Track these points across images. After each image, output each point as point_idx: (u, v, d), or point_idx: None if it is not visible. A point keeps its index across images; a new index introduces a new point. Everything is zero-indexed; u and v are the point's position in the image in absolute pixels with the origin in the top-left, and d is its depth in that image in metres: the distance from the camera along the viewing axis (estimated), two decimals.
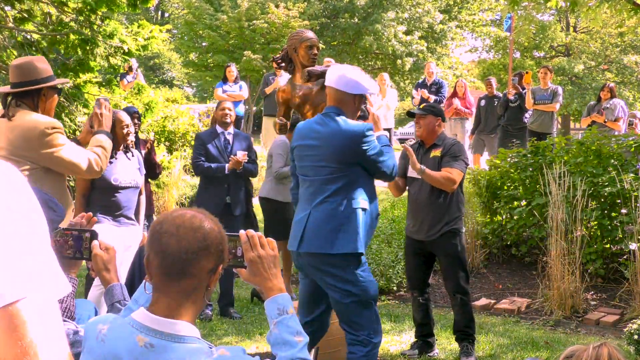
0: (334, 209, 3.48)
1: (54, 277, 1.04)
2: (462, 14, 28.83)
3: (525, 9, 14.83)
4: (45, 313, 1.00)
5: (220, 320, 6.01)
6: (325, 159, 3.52)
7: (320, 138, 3.54)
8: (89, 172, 3.66)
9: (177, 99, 15.30)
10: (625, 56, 27.49)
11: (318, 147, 3.55)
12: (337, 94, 3.59)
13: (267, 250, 1.92)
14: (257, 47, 20.10)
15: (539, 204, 6.83)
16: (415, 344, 5.14)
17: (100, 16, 7.20)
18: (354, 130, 3.49)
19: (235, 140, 6.11)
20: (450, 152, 4.75)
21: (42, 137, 3.43)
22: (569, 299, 6.10)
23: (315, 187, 3.55)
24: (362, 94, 3.65)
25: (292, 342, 1.82)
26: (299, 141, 3.65)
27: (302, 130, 3.66)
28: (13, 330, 0.96)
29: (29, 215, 1.02)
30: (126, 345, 1.65)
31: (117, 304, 2.22)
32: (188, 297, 1.69)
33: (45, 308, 1.00)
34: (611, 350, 1.80)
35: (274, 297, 1.89)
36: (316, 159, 3.56)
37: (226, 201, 5.99)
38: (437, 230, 4.80)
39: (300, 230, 3.54)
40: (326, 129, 3.53)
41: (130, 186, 4.89)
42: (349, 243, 3.46)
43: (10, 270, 0.97)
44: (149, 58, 36.34)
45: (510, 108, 10.39)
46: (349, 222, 3.48)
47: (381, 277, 7.07)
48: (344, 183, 3.50)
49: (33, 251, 1.01)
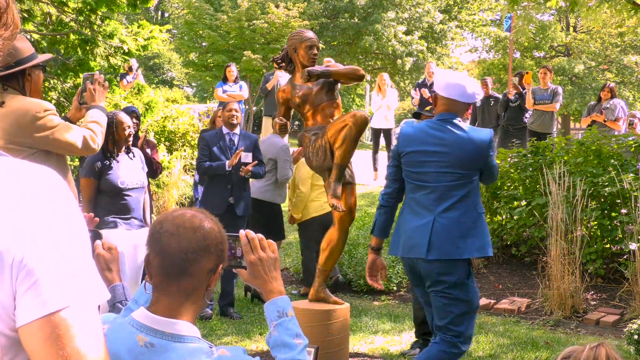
0: (462, 215, 3.52)
1: (95, 283, 1.03)
2: (462, 14, 28.84)
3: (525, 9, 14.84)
4: (88, 321, 0.99)
5: (220, 320, 6.01)
6: (450, 165, 3.53)
7: (445, 144, 3.55)
8: (85, 149, 3.57)
9: (177, 99, 15.28)
10: (625, 56, 27.49)
11: (443, 153, 3.55)
12: (449, 101, 3.62)
13: (268, 252, 1.92)
14: (257, 47, 20.10)
15: (539, 204, 6.84)
16: (416, 343, 5.20)
17: (100, 16, 7.20)
18: (483, 138, 3.57)
19: (241, 141, 6.10)
20: None
21: (35, 121, 3.41)
22: (569, 299, 6.10)
23: (439, 193, 3.55)
24: (472, 101, 3.73)
25: (292, 345, 1.82)
26: (416, 147, 3.63)
27: (418, 136, 3.64)
28: (56, 339, 0.95)
29: (72, 220, 1.02)
30: (126, 344, 1.65)
31: (118, 304, 2.22)
32: (188, 297, 1.69)
33: (87, 316, 0.99)
34: (609, 350, 1.80)
35: (274, 299, 1.89)
36: (440, 165, 3.55)
37: (229, 201, 5.98)
38: None
39: (425, 237, 3.53)
40: (452, 135, 3.56)
41: (137, 187, 4.88)
42: (479, 247, 3.53)
43: (55, 278, 0.95)
44: (149, 58, 36.34)
45: (511, 108, 10.40)
46: (475, 227, 3.53)
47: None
48: (469, 189, 3.56)
49: (76, 258, 1.00)
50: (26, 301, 0.95)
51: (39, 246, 0.96)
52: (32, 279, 0.95)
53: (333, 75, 4.54)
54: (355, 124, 4.35)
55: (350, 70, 4.65)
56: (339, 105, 4.70)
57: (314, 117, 4.61)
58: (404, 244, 3.65)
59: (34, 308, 0.95)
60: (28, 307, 0.95)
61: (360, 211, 8.93)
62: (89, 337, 0.98)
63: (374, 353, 5.21)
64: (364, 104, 30.08)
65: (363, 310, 6.41)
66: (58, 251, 0.97)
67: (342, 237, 4.77)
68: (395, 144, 3.75)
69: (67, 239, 1.00)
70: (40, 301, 0.95)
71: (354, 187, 4.75)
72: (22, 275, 0.95)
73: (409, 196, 3.69)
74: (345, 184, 4.62)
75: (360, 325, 5.86)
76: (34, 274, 0.95)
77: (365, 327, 5.83)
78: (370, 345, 5.38)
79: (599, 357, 1.77)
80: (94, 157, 4.87)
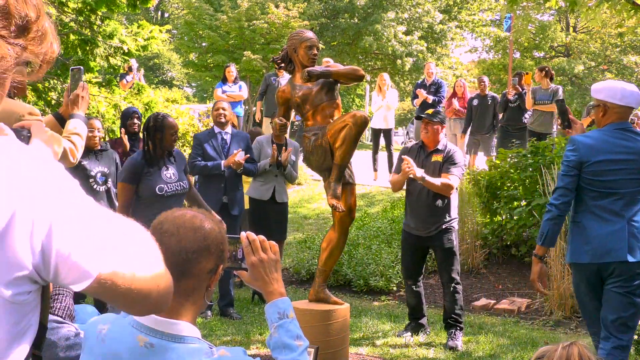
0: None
1: (122, 227, 1.11)
2: (462, 14, 28.82)
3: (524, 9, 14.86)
4: (128, 264, 1.08)
5: (220, 321, 6.01)
6: (638, 172, 3.76)
7: (633, 152, 3.75)
8: (62, 161, 3.53)
9: (177, 99, 15.27)
10: (625, 56, 27.50)
11: (631, 161, 3.76)
12: (625, 110, 3.79)
13: (269, 254, 1.92)
14: (257, 47, 20.09)
15: (539, 204, 6.84)
16: (408, 326, 5.64)
17: (100, 16, 7.20)
18: None
19: (233, 140, 6.11)
20: (451, 159, 5.28)
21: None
22: (569, 299, 6.10)
23: (628, 199, 3.74)
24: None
25: (293, 346, 1.82)
26: (603, 156, 3.76)
27: (602, 146, 3.78)
28: (108, 290, 1.06)
29: (79, 190, 1.07)
30: (126, 345, 1.65)
31: None
32: (188, 297, 1.69)
33: (125, 258, 1.08)
34: (581, 349, 1.81)
35: (275, 301, 1.89)
36: (629, 172, 3.76)
37: (223, 201, 5.98)
38: (436, 227, 5.33)
39: (623, 242, 3.70)
40: (637, 144, 3.77)
41: (177, 192, 4.79)
42: None
43: (89, 246, 1.02)
44: (149, 58, 36.32)
45: (510, 108, 10.40)
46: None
47: (381, 277, 7.08)
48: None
49: (99, 219, 1.06)
50: (67, 272, 1.01)
51: (67, 213, 1.00)
52: (67, 249, 1.00)
53: (333, 75, 4.54)
54: (355, 124, 4.35)
55: (350, 70, 4.65)
56: (339, 105, 4.70)
57: (313, 118, 4.61)
58: (594, 250, 3.74)
59: (80, 277, 1.02)
60: (74, 277, 1.02)
61: (360, 211, 8.94)
62: (136, 273, 1.10)
63: (373, 353, 5.21)
64: (363, 104, 30.07)
65: (363, 310, 6.41)
66: (87, 219, 1.04)
67: (342, 237, 4.77)
68: (571, 154, 3.85)
69: (87, 205, 1.06)
70: (81, 272, 1.02)
71: (353, 187, 4.76)
72: (55, 244, 0.99)
73: (590, 203, 3.78)
74: (345, 184, 4.62)
75: (360, 326, 5.86)
76: (68, 242, 1.00)
77: (365, 328, 5.83)
78: (370, 345, 5.39)
79: (571, 356, 1.78)
80: (134, 160, 4.77)
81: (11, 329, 1.01)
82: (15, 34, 1.01)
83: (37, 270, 0.99)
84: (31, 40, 1.04)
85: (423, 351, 5.27)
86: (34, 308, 1.05)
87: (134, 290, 1.09)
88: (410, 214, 5.46)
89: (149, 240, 1.20)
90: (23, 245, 0.96)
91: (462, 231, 7.35)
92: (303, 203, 10.84)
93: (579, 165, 3.80)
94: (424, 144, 5.42)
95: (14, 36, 1.01)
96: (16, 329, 1.02)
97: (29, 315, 1.04)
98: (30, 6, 1.04)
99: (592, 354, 1.81)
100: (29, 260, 0.97)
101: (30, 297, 1.02)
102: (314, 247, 7.90)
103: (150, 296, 1.15)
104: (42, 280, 1.02)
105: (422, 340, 5.50)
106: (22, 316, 1.03)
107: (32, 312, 1.05)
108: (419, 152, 5.41)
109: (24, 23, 1.02)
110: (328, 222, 9.17)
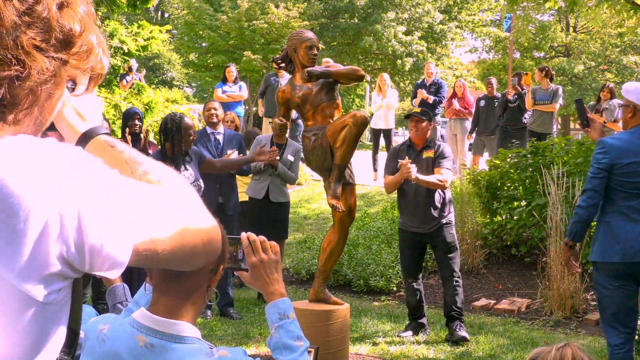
0: None
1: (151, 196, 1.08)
2: (462, 14, 28.81)
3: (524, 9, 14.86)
4: (164, 229, 1.06)
5: (220, 321, 6.01)
6: None
7: None
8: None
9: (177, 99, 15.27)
10: (625, 56, 27.49)
11: None
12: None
13: (270, 254, 1.91)
14: (257, 47, 20.09)
15: (539, 205, 6.84)
16: (409, 326, 5.66)
17: (100, 17, 7.20)
18: None
19: (226, 140, 6.11)
20: (442, 154, 5.41)
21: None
22: (569, 299, 6.10)
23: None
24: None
25: (293, 347, 1.82)
26: (632, 158, 3.82)
27: (631, 148, 3.83)
28: (150, 259, 1.06)
29: (100, 167, 1.05)
30: (126, 345, 1.65)
31: (119, 305, 2.22)
32: (188, 298, 1.69)
33: (159, 224, 1.06)
34: (575, 350, 1.81)
35: (275, 301, 1.89)
36: None
37: (219, 201, 5.99)
38: (437, 223, 5.43)
39: None
40: None
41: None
42: None
43: (120, 231, 1.00)
44: (149, 58, 36.32)
45: (510, 108, 10.39)
46: None
47: (381, 278, 7.08)
48: None
49: (126, 192, 1.04)
50: (102, 263, 0.99)
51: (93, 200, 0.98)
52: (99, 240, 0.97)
53: (333, 75, 4.54)
54: (355, 124, 4.36)
55: (350, 70, 4.66)
56: (339, 105, 4.70)
57: (313, 118, 4.62)
58: (625, 250, 3.80)
59: (113, 265, 1.00)
60: (108, 266, 1.00)
61: (360, 211, 8.93)
62: (178, 221, 1.09)
63: (373, 353, 5.21)
64: (363, 104, 30.08)
65: (363, 310, 6.41)
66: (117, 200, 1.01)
67: (342, 238, 4.78)
68: (601, 157, 3.87)
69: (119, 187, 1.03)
70: (113, 262, 1.00)
71: (353, 187, 4.76)
72: (87, 236, 0.96)
73: (621, 204, 3.84)
74: (345, 184, 4.62)
75: (360, 326, 5.86)
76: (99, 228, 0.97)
77: (365, 328, 5.83)
78: (370, 345, 5.39)
79: (565, 357, 1.78)
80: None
81: (39, 331, 0.99)
82: (56, 48, 1.00)
83: (70, 262, 0.97)
84: (74, 55, 1.03)
85: (423, 351, 5.27)
86: (62, 307, 1.03)
87: (177, 251, 1.08)
88: (409, 213, 5.50)
89: (183, 191, 1.17)
90: (52, 241, 0.94)
91: (462, 231, 7.34)
92: (303, 203, 10.84)
93: (609, 168, 3.83)
94: (412, 143, 5.52)
95: (54, 50, 1.00)
96: (44, 332, 1.00)
97: (58, 317, 1.02)
98: (76, 20, 1.03)
99: (585, 355, 1.82)
100: (59, 256, 0.95)
101: (59, 295, 1.00)
102: (314, 247, 7.90)
103: (196, 250, 1.14)
104: (76, 272, 0.99)
105: (422, 340, 5.50)
106: (51, 318, 1.01)
107: (61, 313, 1.03)
108: (408, 151, 5.50)
109: (66, 37, 1.01)
110: (328, 222, 9.17)
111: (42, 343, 1.01)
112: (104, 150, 1.25)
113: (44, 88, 1.01)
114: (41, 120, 1.05)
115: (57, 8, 1.00)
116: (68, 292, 1.03)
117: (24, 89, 0.99)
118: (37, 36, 0.98)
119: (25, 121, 1.02)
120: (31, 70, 0.98)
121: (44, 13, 0.98)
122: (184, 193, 1.17)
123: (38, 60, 0.98)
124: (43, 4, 0.98)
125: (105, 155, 1.23)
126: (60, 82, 1.05)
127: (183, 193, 1.17)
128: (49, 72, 1.00)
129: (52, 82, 1.02)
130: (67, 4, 1.02)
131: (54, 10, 0.99)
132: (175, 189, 1.16)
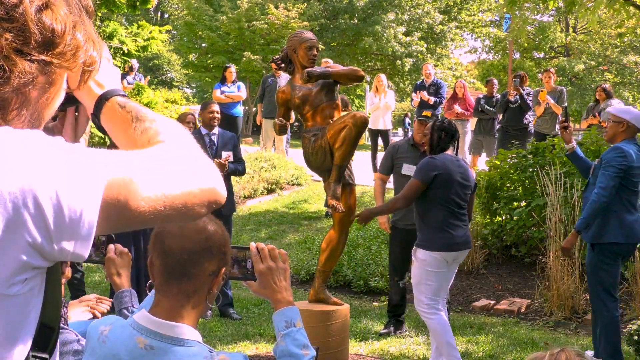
0: None
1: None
2: (461, 14, 28.84)
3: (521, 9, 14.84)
4: (157, 186, 1.04)
5: (219, 321, 6.01)
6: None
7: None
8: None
9: (176, 99, 15.29)
10: (625, 57, 27.51)
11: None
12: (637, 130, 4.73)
13: (278, 262, 1.91)
14: (256, 48, 20.11)
15: (539, 205, 6.84)
16: (389, 323, 5.76)
17: (100, 17, 7.20)
18: None
19: (220, 141, 6.08)
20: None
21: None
22: (569, 299, 6.10)
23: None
24: None
25: (299, 355, 1.81)
26: (638, 163, 4.66)
27: (637, 155, 4.67)
28: (157, 218, 1.04)
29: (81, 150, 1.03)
30: (126, 346, 1.65)
31: (124, 310, 2.21)
32: (189, 299, 1.68)
33: (151, 181, 1.03)
34: (569, 355, 1.82)
35: (282, 309, 1.89)
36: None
37: None
38: None
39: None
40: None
41: None
42: None
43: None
44: (149, 59, 36.32)
45: (510, 109, 10.40)
46: None
47: (381, 278, 7.08)
48: None
49: (111, 161, 1.01)
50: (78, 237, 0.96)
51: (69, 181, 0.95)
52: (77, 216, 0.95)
53: (333, 76, 4.55)
54: (355, 125, 4.36)
55: (350, 71, 4.66)
56: (339, 106, 4.70)
57: (313, 118, 4.62)
58: (628, 233, 4.72)
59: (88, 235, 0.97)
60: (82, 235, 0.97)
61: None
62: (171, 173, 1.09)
63: (373, 353, 5.21)
64: (363, 104, 30.08)
65: (363, 311, 6.41)
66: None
67: (342, 238, 4.78)
68: (622, 160, 4.62)
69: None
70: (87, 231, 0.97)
71: (353, 188, 4.76)
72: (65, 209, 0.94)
73: (626, 198, 4.72)
74: (345, 184, 4.63)
75: (360, 326, 5.86)
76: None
77: (364, 328, 5.83)
78: (370, 345, 5.39)
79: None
80: None
81: (3, 326, 0.96)
82: (38, 50, 1.01)
83: (39, 249, 0.94)
84: (58, 55, 1.03)
85: (423, 351, 5.27)
86: (30, 300, 0.98)
87: (178, 204, 1.06)
88: (404, 212, 5.47)
89: (178, 137, 1.20)
90: (17, 230, 0.92)
91: None
92: (303, 203, 10.84)
93: (627, 169, 4.64)
94: (415, 143, 5.55)
95: (36, 52, 1.00)
96: (10, 327, 0.97)
97: (25, 310, 0.98)
98: (58, 21, 1.02)
99: (580, 359, 1.82)
100: (24, 244, 0.93)
101: (25, 287, 0.96)
102: (313, 247, 7.90)
103: (194, 202, 1.11)
104: (44, 260, 0.96)
105: (422, 340, 5.50)
106: (17, 311, 0.97)
107: (29, 307, 0.99)
108: (410, 150, 5.57)
109: (47, 39, 1.01)
110: (328, 222, 9.17)
111: (7, 339, 0.97)
112: (114, 113, 1.25)
113: (30, 88, 1.01)
114: (37, 117, 1.05)
115: (36, 10, 1.00)
116: (37, 284, 0.99)
117: (6, 92, 0.99)
118: (17, 39, 0.98)
119: (17, 120, 1.02)
120: (11, 74, 0.98)
121: (22, 17, 0.98)
122: (184, 149, 1.19)
123: (18, 64, 0.98)
124: (21, 8, 0.98)
125: (115, 117, 1.24)
126: (54, 81, 1.05)
127: (183, 149, 1.18)
128: (30, 75, 1.00)
129: (43, 82, 1.03)
130: (48, 5, 1.02)
131: (33, 13, 0.99)
132: (176, 146, 1.18)
